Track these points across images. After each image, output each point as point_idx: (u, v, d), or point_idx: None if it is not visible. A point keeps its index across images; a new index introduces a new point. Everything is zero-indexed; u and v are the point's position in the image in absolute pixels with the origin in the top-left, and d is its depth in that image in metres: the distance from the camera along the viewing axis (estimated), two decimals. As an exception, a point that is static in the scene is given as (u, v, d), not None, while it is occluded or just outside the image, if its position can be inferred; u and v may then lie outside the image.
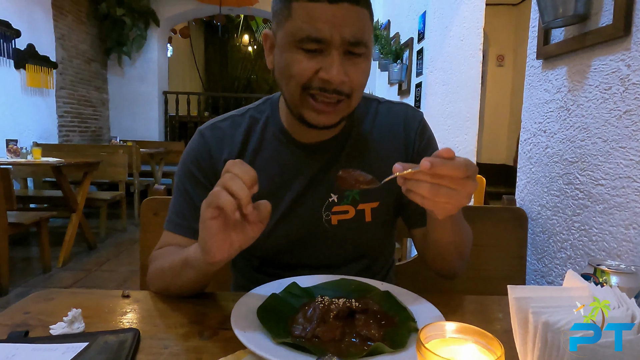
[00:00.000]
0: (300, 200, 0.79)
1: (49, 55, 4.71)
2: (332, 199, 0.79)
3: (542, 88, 1.15)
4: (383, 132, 0.83)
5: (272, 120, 0.82)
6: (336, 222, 0.80)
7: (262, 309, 0.61)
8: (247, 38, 10.33)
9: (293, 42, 0.66)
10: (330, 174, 0.80)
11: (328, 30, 0.64)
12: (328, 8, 0.63)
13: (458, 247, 0.75)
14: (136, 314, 0.66)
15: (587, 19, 0.94)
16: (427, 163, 0.51)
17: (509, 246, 1.09)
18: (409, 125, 0.83)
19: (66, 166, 3.17)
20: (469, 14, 2.36)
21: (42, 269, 3.08)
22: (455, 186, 0.53)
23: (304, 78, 0.67)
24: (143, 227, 1.04)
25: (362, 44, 0.66)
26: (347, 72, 0.66)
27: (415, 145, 0.83)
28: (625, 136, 0.84)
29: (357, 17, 0.65)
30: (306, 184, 0.79)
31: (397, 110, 0.85)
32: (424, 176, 0.53)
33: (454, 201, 0.54)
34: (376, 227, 0.82)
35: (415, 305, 0.64)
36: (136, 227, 4.50)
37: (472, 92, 2.43)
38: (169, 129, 6.91)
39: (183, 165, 0.81)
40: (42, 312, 0.65)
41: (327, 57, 0.65)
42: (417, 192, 0.54)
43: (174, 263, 0.69)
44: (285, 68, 0.68)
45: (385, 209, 0.82)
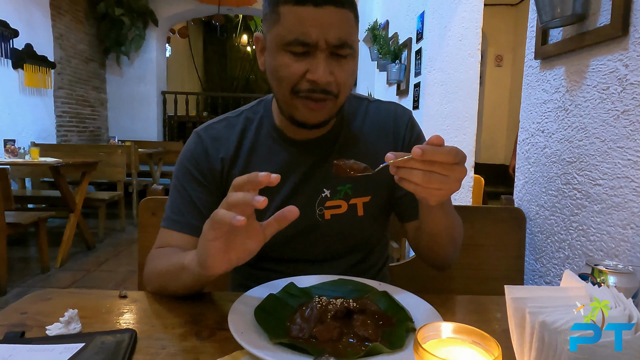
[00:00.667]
0: (294, 196, 0.81)
1: (47, 55, 4.70)
2: (325, 194, 0.82)
3: (540, 88, 1.15)
4: (373, 129, 0.86)
5: (266, 119, 0.84)
6: (329, 216, 0.82)
7: (259, 309, 0.61)
8: (245, 38, 10.32)
9: (281, 45, 0.69)
10: (322, 170, 0.82)
11: (314, 34, 0.66)
12: (314, 11, 0.66)
13: (450, 234, 0.77)
14: (133, 314, 0.66)
15: (585, 19, 0.94)
16: (419, 150, 0.53)
17: (508, 246, 1.09)
18: (398, 122, 0.86)
19: (64, 166, 3.17)
20: (468, 14, 2.36)
21: (40, 269, 3.07)
22: (446, 172, 0.55)
23: (292, 81, 0.70)
24: (141, 227, 1.04)
25: (346, 46, 0.69)
26: (333, 72, 0.70)
27: (405, 141, 0.86)
28: (623, 136, 0.84)
29: (341, 19, 0.68)
30: (299, 180, 0.81)
31: (387, 108, 0.88)
32: (416, 164, 0.55)
33: (446, 187, 0.56)
34: (368, 221, 0.84)
35: (413, 306, 0.64)
36: (135, 227, 4.50)
37: (470, 92, 2.43)
38: (168, 129, 6.91)
39: (180, 164, 0.83)
40: (39, 312, 0.65)
41: (313, 59, 0.68)
42: (409, 180, 0.56)
43: (171, 266, 0.69)
44: (275, 70, 0.71)
45: (377, 203, 0.84)
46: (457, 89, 2.42)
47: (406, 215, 0.86)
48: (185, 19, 7.76)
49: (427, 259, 0.84)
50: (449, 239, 0.77)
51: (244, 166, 0.82)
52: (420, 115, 2.48)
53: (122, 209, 4.42)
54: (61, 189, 3.22)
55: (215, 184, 0.82)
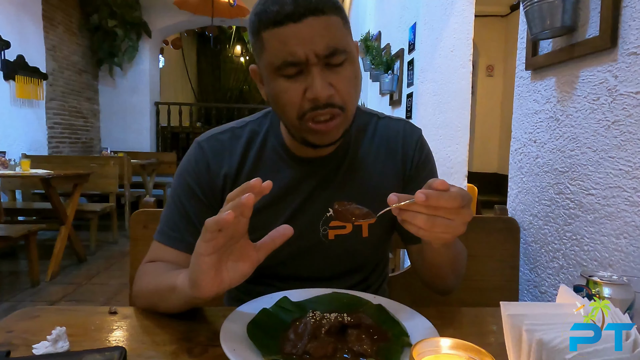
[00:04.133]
0: (298, 214, 0.79)
1: (39, 66, 4.68)
2: (329, 213, 0.79)
3: (531, 98, 1.16)
4: (381, 148, 0.83)
5: (272, 134, 0.81)
6: (333, 236, 0.80)
7: (252, 324, 0.60)
8: (239, 49, 10.37)
9: (273, 71, 0.67)
10: (328, 189, 0.79)
11: (301, 51, 0.63)
12: (294, 28, 0.63)
13: (453, 267, 0.75)
14: (123, 332, 0.65)
15: (575, 30, 0.96)
16: (423, 196, 0.50)
17: (502, 256, 1.09)
18: (407, 141, 0.83)
19: (55, 178, 3.14)
20: (459, 25, 2.39)
21: (30, 283, 3.02)
22: (451, 216, 0.53)
23: (295, 105, 0.67)
24: (132, 241, 1.02)
25: (338, 52, 0.65)
26: (332, 83, 0.66)
27: (414, 162, 0.83)
28: (614, 146, 0.84)
29: (325, 27, 0.64)
30: (304, 198, 0.79)
31: (395, 127, 0.85)
32: (420, 208, 0.52)
33: (450, 230, 0.54)
34: (372, 242, 0.82)
35: (408, 319, 0.63)
36: (127, 239, 4.45)
37: (462, 102, 2.45)
38: (161, 140, 6.88)
39: (180, 176, 0.80)
40: (25, 330, 0.63)
41: (308, 76, 0.65)
42: (413, 224, 0.54)
43: (161, 286, 0.67)
44: (276, 99, 0.69)
45: (381, 224, 0.82)
46: (450, 99, 2.44)
47: (409, 237, 0.84)
48: (179, 31, 7.78)
49: (428, 283, 0.83)
50: (451, 271, 0.76)
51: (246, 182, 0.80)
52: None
53: (115, 221, 4.37)
54: (52, 201, 3.18)
55: (215, 200, 0.78)
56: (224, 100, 9.68)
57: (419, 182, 0.56)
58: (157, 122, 6.83)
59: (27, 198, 4.42)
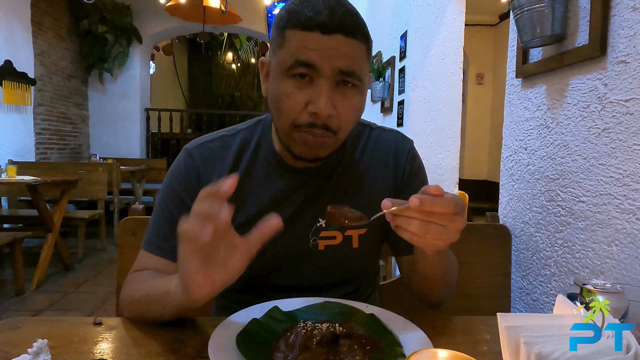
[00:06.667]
0: (289, 224, 0.76)
1: (27, 71, 4.62)
2: (319, 224, 0.78)
3: (522, 106, 1.16)
4: (373, 159, 0.83)
5: (264, 142, 0.80)
6: (323, 247, 0.78)
7: (241, 335, 0.59)
8: (230, 56, 10.37)
9: (284, 70, 0.65)
10: (319, 199, 0.78)
11: (318, 58, 0.63)
12: (321, 38, 0.62)
13: (444, 278, 0.74)
14: (108, 343, 0.63)
15: (564, 39, 0.96)
16: (417, 200, 0.50)
17: (494, 263, 1.08)
18: (399, 152, 0.83)
19: (42, 185, 3.08)
20: (449, 33, 2.41)
21: (15, 292, 2.95)
22: (444, 222, 0.52)
23: (293, 113, 0.66)
24: (120, 249, 1.00)
25: (354, 76, 0.65)
26: (336, 106, 0.65)
27: (405, 173, 0.83)
28: (604, 154, 0.85)
29: (351, 50, 0.64)
30: (295, 208, 0.78)
31: (388, 138, 0.85)
32: (413, 213, 0.52)
33: (444, 237, 0.54)
34: (363, 253, 0.81)
35: (401, 328, 0.62)
36: (116, 246, 4.37)
37: (453, 109, 2.46)
38: (151, 146, 6.83)
39: (168, 184, 0.78)
40: (6, 342, 0.61)
41: (316, 88, 0.64)
42: (406, 229, 0.53)
43: (153, 292, 0.65)
44: (276, 99, 0.68)
45: (372, 235, 0.81)
46: (441, 106, 2.45)
47: (400, 249, 0.83)
48: (170, 37, 7.75)
49: (419, 296, 0.82)
50: (443, 282, 0.75)
51: (237, 191, 0.78)
52: (405, 133, 2.50)
53: (103, 228, 4.31)
54: (39, 208, 3.12)
55: None
56: (215, 107, 9.66)
57: (410, 193, 0.55)
58: (148, 129, 6.78)
59: (13, 205, 4.34)
